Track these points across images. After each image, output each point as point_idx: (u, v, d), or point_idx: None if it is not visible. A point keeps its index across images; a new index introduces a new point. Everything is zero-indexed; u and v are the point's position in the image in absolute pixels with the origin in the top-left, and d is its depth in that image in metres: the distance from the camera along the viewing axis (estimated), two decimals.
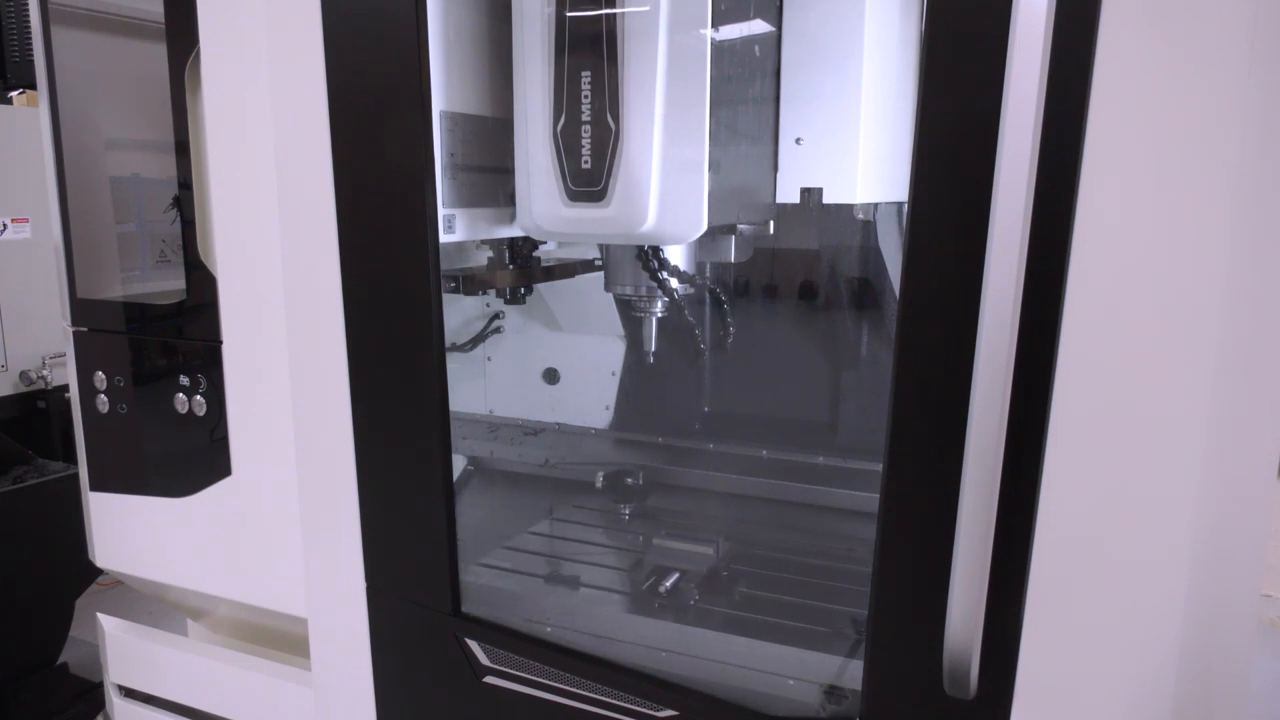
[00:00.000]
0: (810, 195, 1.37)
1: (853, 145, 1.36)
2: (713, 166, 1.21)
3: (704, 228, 1.22)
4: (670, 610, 1.53)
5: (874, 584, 1.10)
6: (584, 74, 1.16)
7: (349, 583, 1.54)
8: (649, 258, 1.41)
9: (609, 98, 1.15)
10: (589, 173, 1.18)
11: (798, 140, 1.37)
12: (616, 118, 1.15)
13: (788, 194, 1.41)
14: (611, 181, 1.18)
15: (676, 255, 1.46)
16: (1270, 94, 0.87)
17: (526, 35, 1.21)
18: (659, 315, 1.50)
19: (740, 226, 1.37)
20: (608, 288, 1.51)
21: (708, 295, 1.74)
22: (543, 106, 1.21)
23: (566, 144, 1.19)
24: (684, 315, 1.52)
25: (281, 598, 1.66)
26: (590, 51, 1.16)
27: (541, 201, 1.25)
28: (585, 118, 1.18)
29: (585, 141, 1.18)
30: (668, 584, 1.58)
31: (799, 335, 1.94)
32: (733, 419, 2.06)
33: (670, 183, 1.19)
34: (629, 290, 1.46)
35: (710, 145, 1.20)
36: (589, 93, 1.16)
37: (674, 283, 1.43)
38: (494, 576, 1.70)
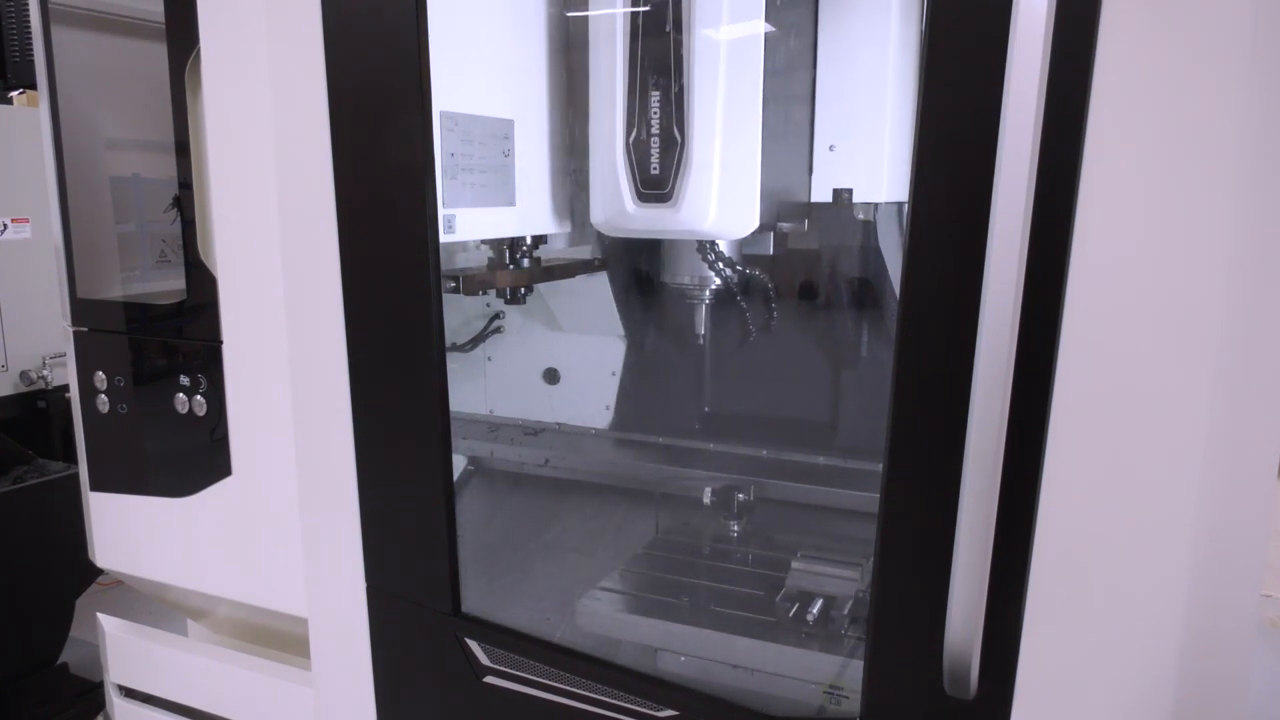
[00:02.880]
0: (841, 196, 1.53)
1: (880, 147, 1.49)
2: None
3: (756, 224, 1.40)
4: (818, 640, 1.47)
5: (874, 584, 1.10)
6: (654, 94, 1.34)
7: (349, 583, 1.54)
8: (707, 250, 1.59)
9: (676, 114, 1.33)
10: (657, 178, 1.36)
11: (831, 147, 1.52)
12: (683, 131, 1.33)
13: (820, 195, 1.56)
14: (678, 185, 1.35)
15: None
16: (1271, 94, 0.87)
17: (603, 59, 1.39)
18: (708, 303, 1.67)
19: (780, 224, 1.55)
20: (664, 279, 1.68)
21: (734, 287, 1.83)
22: (616, 121, 1.38)
23: (637, 153, 1.37)
24: (736, 301, 1.71)
25: (281, 598, 1.66)
26: (659, 75, 1.34)
27: (613, 202, 1.41)
28: (655, 131, 1.35)
29: (654, 151, 1.36)
30: (814, 611, 1.49)
31: (799, 335, 1.94)
32: (733, 419, 2.06)
33: (728, 186, 1.36)
34: (686, 280, 1.64)
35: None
36: (658, 110, 1.34)
37: (728, 271, 1.62)
38: (616, 602, 1.64)
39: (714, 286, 1.64)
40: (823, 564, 1.61)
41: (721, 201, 1.36)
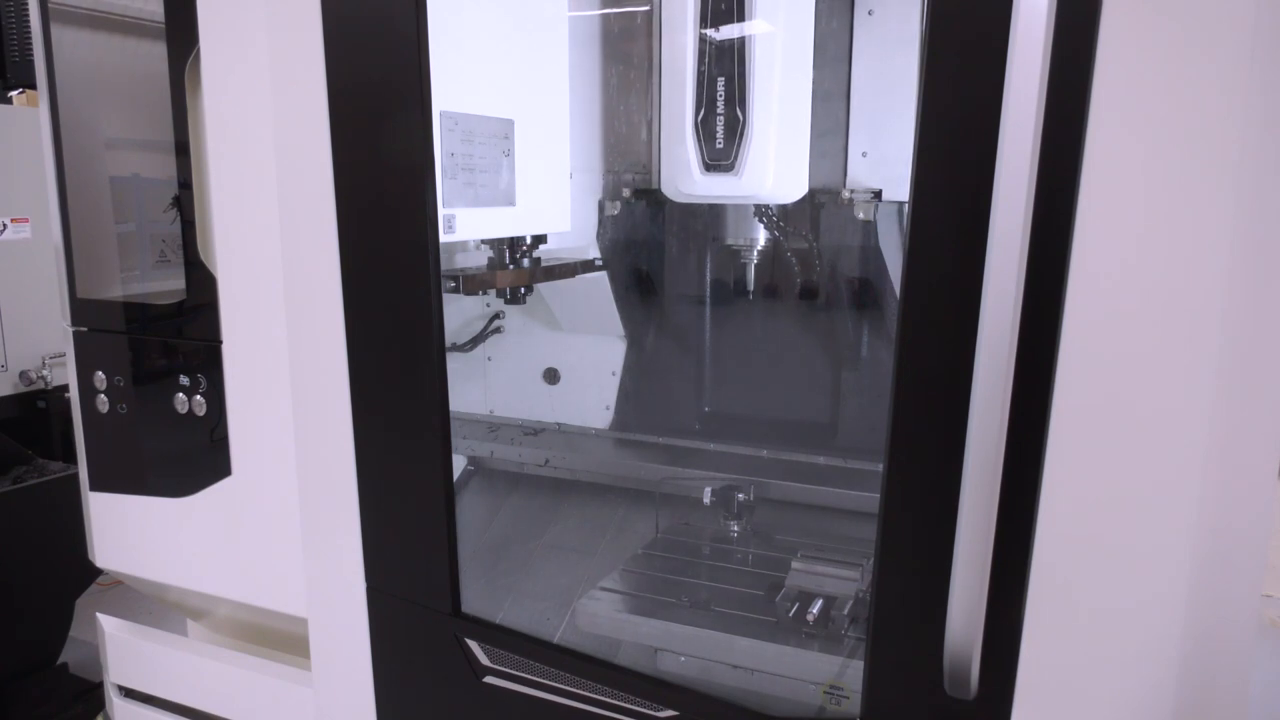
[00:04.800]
0: (840, 195, 1.72)
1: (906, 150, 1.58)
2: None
3: (805, 190, 1.62)
4: (818, 640, 1.48)
5: (874, 584, 1.10)
6: (719, 79, 1.54)
7: (349, 583, 1.54)
8: (764, 213, 1.78)
9: (739, 97, 1.53)
10: (722, 151, 1.56)
11: (864, 154, 1.73)
12: (744, 111, 1.53)
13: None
14: (740, 158, 1.55)
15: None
16: (1272, 93, 0.87)
17: (676, 49, 1.58)
18: (755, 262, 1.84)
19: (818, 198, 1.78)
20: (724, 240, 1.86)
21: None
22: (686, 103, 1.57)
23: (705, 130, 1.56)
24: (785, 255, 1.88)
25: (281, 598, 1.66)
26: (724, 63, 1.53)
27: (682, 172, 1.61)
28: (720, 111, 1.55)
29: (719, 128, 1.55)
30: (814, 611, 1.50)
31: (799, 335, 1.94)
32: (733, 419, 2.06)
33: (783, 157, 1.56)
34: (741, 241, 1.82)
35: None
36: (723, 93, 1.54)
37: (778, 235, 1.82)
38: (616, 602, 1.65)
39: (761, 247, 1.81)
40: (822, 564, 1.61)
41: (778, 170, 1.56)
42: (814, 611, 1.50)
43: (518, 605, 1.92)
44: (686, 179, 1.60)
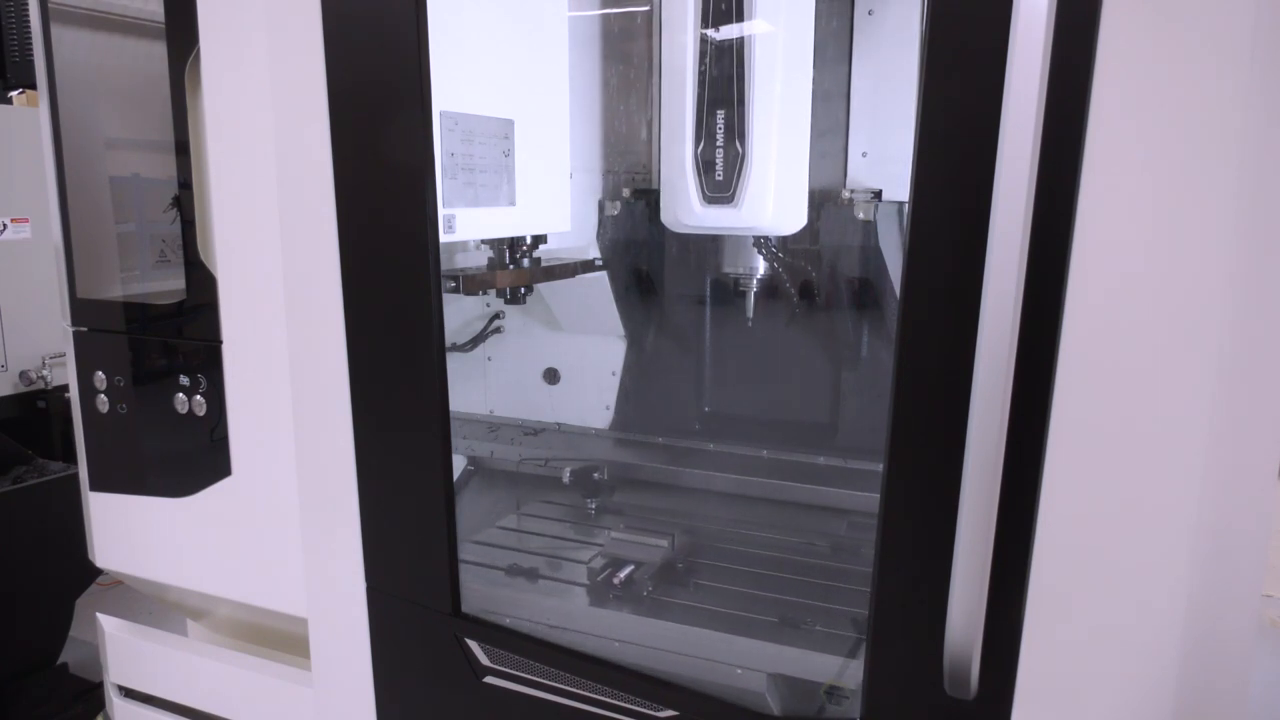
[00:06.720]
0: (841, 196, 1.76)
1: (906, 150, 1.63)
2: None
3: (804, 222, 1.65)
4: (623, 601, 1.60)
5: (875, 584, 1.10)
6: (719, 112, 1.57)
7: (349, 583, 1.54)
8: (764, 244, 1.81)
9: (738, 130, 1.56)
10: (721, 183, 1.58)
11: (864, 154, 1.77)
12: (744, 144, 1.56)
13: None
14: (739, 190, 1.57)
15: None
16: (1272, 95, 0.87)
17: (675, 82, 1.60)
18: (755, 290, 1.86)
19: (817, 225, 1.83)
20: (724, 268, 1.89)
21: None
22: (686, 136, 1.59)
23: (704, 162, 1.59)
24: (784, 284, 1.89)
25: (281, 598, 1.66)
26: (723, 97, 1.56)
27: (682, 204, 1.63)
28: (719, 144, 1.57)
29: (719, 160, 1.58)
30: (621, 575, 1.62)
31: (799, 335, 1.94)
32: (733, 419, 2.06)
33: (782, 189, 1.59)
34: (741, 270, 1.84)
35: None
36: (722, 126, 1.57)
37: (776, 266, 1.85)
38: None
39: (760, 275, 1.83)
40: (638, 534, 1.75)
41: (777, 203, 1.58)
42: (621, 576, 1.62)
43: (475, 598, 1.95)
44: (686, 210, 1.62)
